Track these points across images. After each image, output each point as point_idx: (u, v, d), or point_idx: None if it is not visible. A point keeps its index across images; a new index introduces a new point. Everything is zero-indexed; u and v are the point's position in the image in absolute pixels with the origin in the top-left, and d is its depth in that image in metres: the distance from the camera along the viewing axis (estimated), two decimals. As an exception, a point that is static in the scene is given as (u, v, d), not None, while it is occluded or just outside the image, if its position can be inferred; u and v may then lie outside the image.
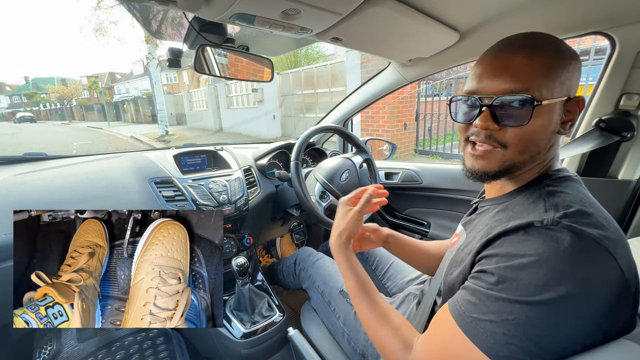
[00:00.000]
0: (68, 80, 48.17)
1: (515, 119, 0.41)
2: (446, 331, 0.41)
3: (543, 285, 0.33)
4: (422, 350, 0.44)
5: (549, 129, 0.43)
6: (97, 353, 0.99)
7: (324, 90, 7.21)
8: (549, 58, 0.41)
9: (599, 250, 0.34)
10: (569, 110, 0.43)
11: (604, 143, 0.77)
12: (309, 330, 0.89)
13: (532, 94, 0.40)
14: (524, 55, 0.41)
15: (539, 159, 0.45)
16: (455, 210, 1.32)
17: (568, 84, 0.42)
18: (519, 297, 0.34)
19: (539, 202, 0.40)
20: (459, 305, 0.40)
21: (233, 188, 1.09)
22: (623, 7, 0.68)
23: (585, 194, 0.41)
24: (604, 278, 0.34)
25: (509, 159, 0.43)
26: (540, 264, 0.34)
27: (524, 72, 0.41)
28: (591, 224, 0.36)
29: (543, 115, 0.41)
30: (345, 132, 1.12)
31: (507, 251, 0.37)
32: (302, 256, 1.08)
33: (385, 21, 0.72)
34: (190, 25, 0.76)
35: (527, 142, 0.42)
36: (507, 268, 0.36)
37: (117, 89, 33.19)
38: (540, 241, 0.35)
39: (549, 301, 0.33)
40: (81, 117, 35.38)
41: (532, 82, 0.40)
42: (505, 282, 0.36)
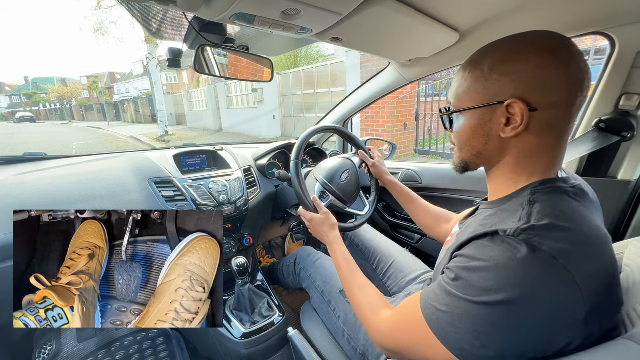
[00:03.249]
0: (68, 80, 48.17)
1: (445, 125, 0.54)
2: (411, 310, 0.47)
3: (486, 289, 0.36)
4: (386, 318, 0.54)
5: (478, 132, 0.47)
6: (97, 353, 0.99)
7: (324, 91, 7.21)
8: (472, 71, 0.46)
9: (552, 266, 0.35)
10: (511, 113, 0.42)
11: (604, 143, 0.77)
12: (309, 330, 0.89)
13: (449, 104, 0.51)
14: (462, 68, 0.49)
15: (489, 159, 0.48)
16: (455, 211, 1.31)
17: (495, 91, 0.43)
18: (466, 295, 0.38)
19: (519, 210, 0.41)
20: (426, 293, 0.46)
21: (233, 188, 1.09)
22: (623, 7, 0.68)
23: (568, 207, 0.40)
24: (552, 292, 0.34)
25: (458, 156, 0.53)
26: (490, 269, 0.37)
27: (452, 85, 0.50)
28: (556, 238, 0.36)
29: (461, 121, 0.49)
30: (345, 132, 1.12)
31: (470, 253, 0.41)
32: (302, 256, 1.08)
33: (385, 21, 0.72)
34: (190, 26, 0.76)
35: (461, 143, 0.50)
36: (464, 269, 0.40)
37: (117, 89, 33.17)
38: (498, 249, 0.38)
39: (488, 303, 0.36)
40: (81, 117, 35.39)
41: (452, 94, 0.50)
42: (458, 281, 0.40)
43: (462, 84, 0.47)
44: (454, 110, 0.50)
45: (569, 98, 0.41)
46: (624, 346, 0.33)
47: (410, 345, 0.46)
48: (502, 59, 0.42)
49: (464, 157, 0.51)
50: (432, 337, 0.41)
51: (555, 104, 0.41)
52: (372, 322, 0.56)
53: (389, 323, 0.53)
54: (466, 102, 0.47)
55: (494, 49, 0.44)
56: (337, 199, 1.02)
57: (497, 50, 0.44)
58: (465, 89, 0.47)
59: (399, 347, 0.49)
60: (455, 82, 0.49)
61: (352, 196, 1.07)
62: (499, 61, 0.43)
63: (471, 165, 0.51)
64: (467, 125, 0.48)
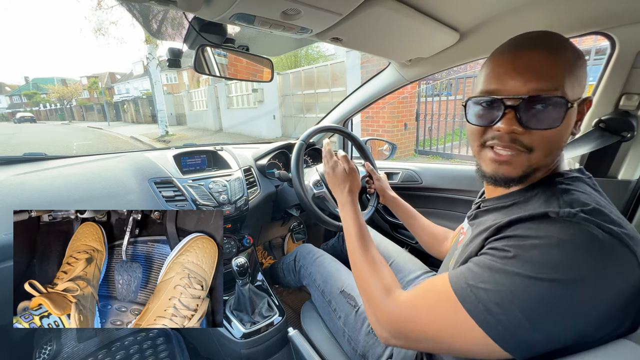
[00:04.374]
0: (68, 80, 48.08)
1: (546, 121, 0.39)
2: (438, 290, 0.41)
3: (551, 266, 0.33)
4: (404, 299, 0.46)
5: (569, 130, 0.42)
6: (97, 353, 0.99)
7: (324, 91, 7.20)
8: (570, 57, 0.39)
9: (617, 245, 0.34)
10: (579, 111, 0.42)
11: (604, 143, 0.77)
12: (309, 331, 0.89)
13: (562, 94, 0.38)
14: (546, 53, 0.39)
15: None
16: (455, 210, 1.32)
17: (584, 84, 0.42)
18: (523, 271, 0.34)
19: (552, 200, 0.39)
20: (459, 272, 0.40)
21: (233, 188, 1.09)
22: (623, 7, 0.68)
23: (598, 195, 0.40)
24: (620, 272, 0.33)
25: (534, 163, 0.42)
26: (553, 246, 0.33)
27: (550, 70, 0.39)
28: (610, 220, 0.35)
29: (570, 116, 0.40)
30: (346, 131, 1.12)
31: (519, 233, 0.37)
32: (302, 253, 1.08)
33: (385, 21, 0.72)
34: (190, 26, 0.76)
35: (553, 145, 0.41)
36: (519, 247, 0.35)
37: (117, 89, 33.16)
38: (556, 227, 0.35)
39: (554, 281, 0.32)
40: (81, 117, 35.33)
41: (560, 81, 0.38)
42: (513, 258, 0.35)
43: (559, 69, 0.39)
44: (575, 99, 0.40)
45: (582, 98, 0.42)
46: (625, 346, 0.33)
47: (431, 330, 0.40)
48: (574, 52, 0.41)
49: (542, 163, 0.42)
50: (466, 319, 0.36)
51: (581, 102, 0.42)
52: (384, 302, 0.48)
53: (407, 304, 0.45)
54: (577, 92, 0.40)
55: (563, 38, 0.41)
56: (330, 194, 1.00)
57: (565, 40, 0.42)
58: (568, 74, 0.39)
59: (414, 332, 0.42)
60: (547, 65, 0.39)
61: None
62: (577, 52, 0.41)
63: (537, 172, 0.43)
64: (570, 121, 0.41)
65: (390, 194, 0.98)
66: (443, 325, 0.39)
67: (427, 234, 0.88)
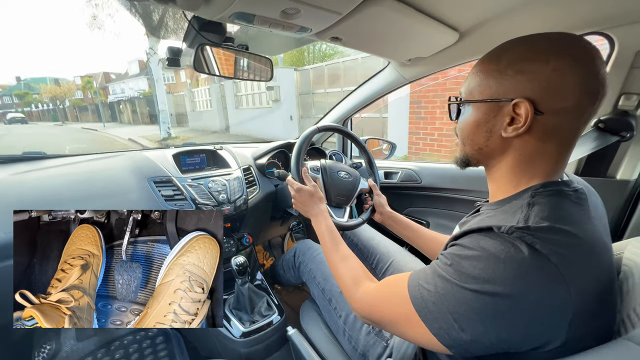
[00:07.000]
0: (61, 80, 47.28)
1: (451, 115, 0.53)
2: (397, 285, 0.48)
3: (475, 277, 0.37)
4: (369, 290, 0.55)
5: (482, 127, 0.46)
6: (96, 352, 0.99)
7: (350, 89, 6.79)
8: (489, 64, 0.45)
9: (543, 265, 0.35)
10: (517, 113, 0.42)
11: (604, 144, 0.77)
12: (308, 330, 0.89)
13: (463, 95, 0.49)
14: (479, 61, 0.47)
15: (489, 156, 0.48)
16: (455, 210, 1.32)
17: (506, 88, 0.42)
18: (454, 279, 0.39)
19: (518, 212, 0.40)
20: (416, 273, 0.47)
21: (232, 187, 1.09)
22: (622, 7, 0.68)
23: (568, 211, 0.40)
24: (542, 290, 0.34)
25: (461, 150, 0.53)
26: (481, 259, 0.38)
27: (467, 78, 0.49)
28: (550, 239, 0.36)
29: (469, 113, 0.48)
30: (346, 131, 1.12)
31: (464, 243, 0.42)
32: (302, 249, 1.08)
33: (384, 21, 0.72)
34: (190, 24, 0.75)
35: (463, 136, 0.50)
36: (457, 256, 0.41)
37: (112, 89, 32.72)
38: (492, 242, 0.38)
39: (475, 291, 0.37)
40: (75, 117, 34.96)
41: (466, 85, 0.48)
42: (450, 266, 0.41)
43: (476, 76, 0.47)
44: (464, 100, 0.49)
45: (578, 108, 0.39)
46: (624, 346, 0.33)
47: (390, 319, 0.48)
48: (521, 56, 0.41)
49: (466, 152, 0.52)
50: (414, 314, 0.42)
51: (563, 111, 0.40)
52: (354, 292, 0.57)
53: (371, 294, 0.54)
54: (477, 95, 0.47)
55: (515, 45, 0.43)
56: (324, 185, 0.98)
57: (518, 46, 0.43)
58: (478, 81, 0.46)
59: (378, 318, 0.51)
60: (470, 73, 0.48)
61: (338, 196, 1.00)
62: (518, 58, 0.41)
63: (472, 160, 0.52)
64: (472, 118, 0.48)
65: (388, 210, 0.98)
66: (397, 316, 0.46)
67: (433, 242, 0.86)
